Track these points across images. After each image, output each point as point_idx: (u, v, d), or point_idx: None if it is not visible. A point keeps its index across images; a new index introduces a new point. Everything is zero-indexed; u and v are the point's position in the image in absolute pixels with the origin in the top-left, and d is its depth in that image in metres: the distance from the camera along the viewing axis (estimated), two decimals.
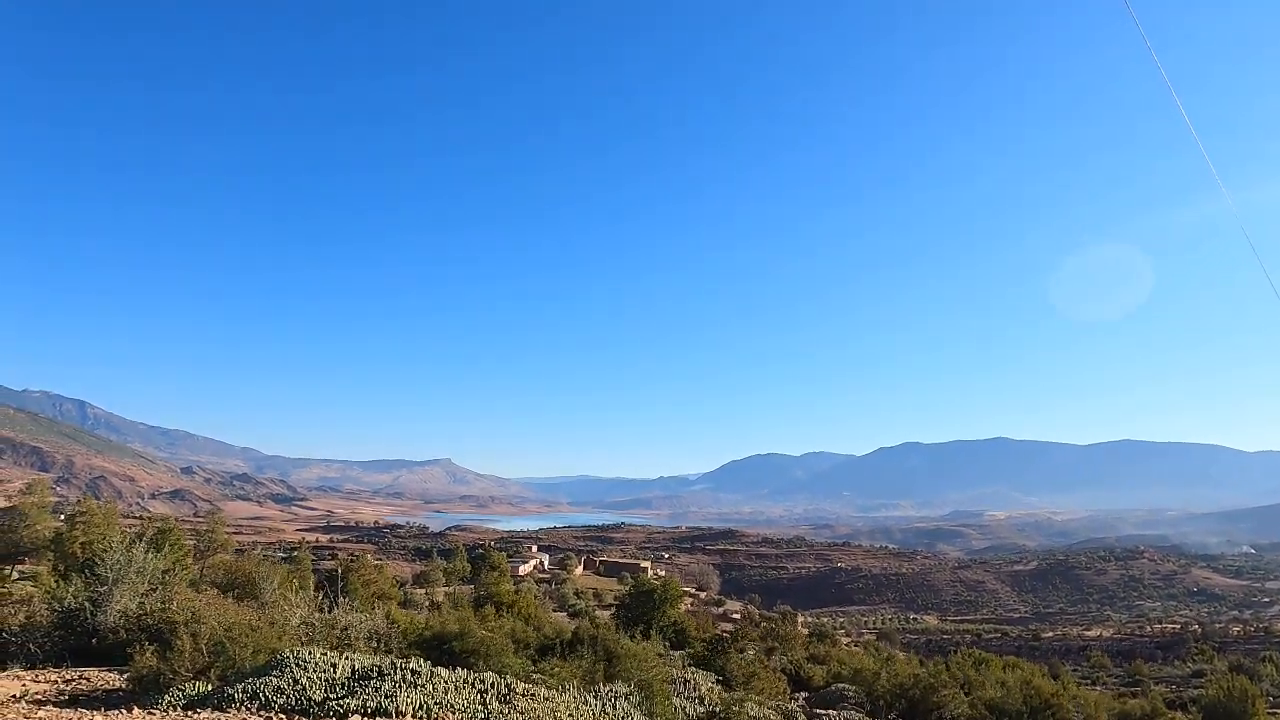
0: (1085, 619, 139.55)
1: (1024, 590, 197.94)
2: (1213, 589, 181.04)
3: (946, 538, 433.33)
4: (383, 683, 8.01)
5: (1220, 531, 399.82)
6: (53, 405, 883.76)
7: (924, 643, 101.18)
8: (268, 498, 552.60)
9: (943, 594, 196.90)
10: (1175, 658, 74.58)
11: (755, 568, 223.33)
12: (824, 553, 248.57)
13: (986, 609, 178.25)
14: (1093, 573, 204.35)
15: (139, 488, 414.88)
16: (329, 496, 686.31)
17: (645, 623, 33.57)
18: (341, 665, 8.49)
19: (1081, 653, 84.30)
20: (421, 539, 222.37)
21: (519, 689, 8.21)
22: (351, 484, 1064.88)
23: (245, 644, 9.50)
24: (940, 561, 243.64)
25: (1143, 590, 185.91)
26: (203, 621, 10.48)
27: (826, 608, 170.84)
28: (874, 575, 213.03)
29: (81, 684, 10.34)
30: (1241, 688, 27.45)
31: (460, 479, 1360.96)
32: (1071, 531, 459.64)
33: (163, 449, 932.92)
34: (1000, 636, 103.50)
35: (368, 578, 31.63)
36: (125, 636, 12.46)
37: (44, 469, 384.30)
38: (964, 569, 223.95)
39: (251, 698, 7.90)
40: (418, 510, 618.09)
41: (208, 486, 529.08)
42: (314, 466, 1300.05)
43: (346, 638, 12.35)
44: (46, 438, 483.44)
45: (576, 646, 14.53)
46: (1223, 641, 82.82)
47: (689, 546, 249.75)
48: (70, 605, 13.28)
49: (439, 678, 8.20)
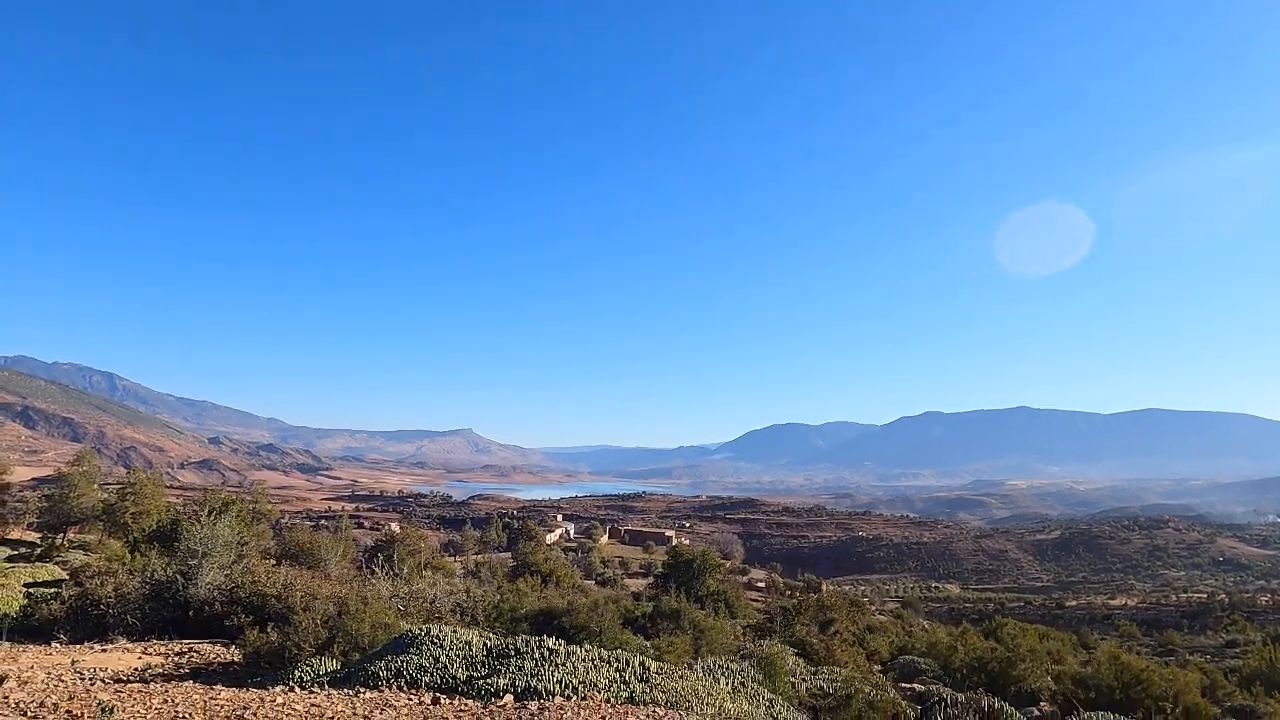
0: (1109, 588, 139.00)
1: (1046, 559, 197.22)
2: (1239, 559, 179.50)
3: (968, 507, 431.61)
4: (524, 661, 8.05)
5: (1247, 501, 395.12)
6: (83, 377, 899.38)
7: (946, 611, 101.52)
8: (293, 467, 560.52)
9: (964, 563, 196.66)
10: (1203, 627, 74.35)
11: (776, 537, 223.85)
12: (845, 522, 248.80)
13: (1008, 578, 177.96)
14: (1116, 542, 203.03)
15: (168, 458, 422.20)
16: (353, 466, 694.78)
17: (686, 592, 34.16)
18: (476, 643, 8.57)
19: (1106, 621, 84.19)
20: (445, 508, 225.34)
21: (652, 667, 8.31)
22: (375, 454, 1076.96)
23: (363, 619, 9.58)
24: (962, 531, 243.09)
25: (1167, 560, 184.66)
26: (315, 596, 10.74)
27: (848, 576, 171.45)
28: (895, 544, 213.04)
29: (194, 657, 10.64)
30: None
31: (482, 449, 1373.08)
32: (1094, 501, 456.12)
33: (190, 420, 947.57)
34: (1023, 605, 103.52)
35: (413, 547, 32.27)
36: (220, 609, 12.91)
37: (76, 440, 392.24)
38: (986, 538, 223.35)
39: (396, 675, 7.91)
40: (440, 479, 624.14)
41: (235, 456, 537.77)
42: (338, 437, 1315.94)
43: (437, 610, 12.69)
44: (78, 409, 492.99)
45: (658, 620, 14.84)
46: (1251, 611, 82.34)
47: (710, 516, 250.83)
48: (160, 578, 13.75)
49: (576, 656, 8.24)
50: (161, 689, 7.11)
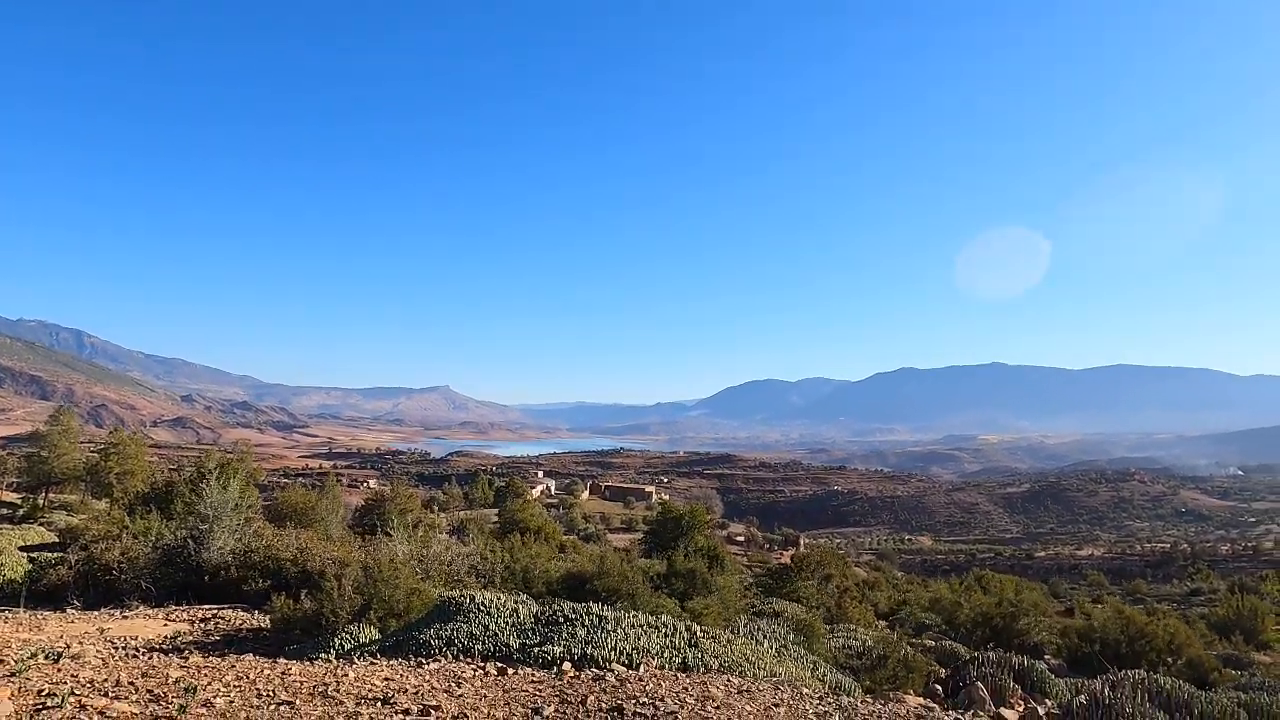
0: (1076, 539, 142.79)
1: (1016, 512, 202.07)
2: (1200, 509, 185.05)
3: (940, 461, 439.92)
4: (574, 629, 7.95)
5: (1210, 454, 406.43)
6: (49, 334, 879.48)
7: (919, 563, 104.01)
8: (269, 425, 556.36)
9: (936, 515, 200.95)
10: (1167, 576, 76.87)
11: (753, 491, 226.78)
12: (820, 476, 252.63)
13: (979, 530, 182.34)
14: (1084, 494, 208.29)
15: (141, 416, 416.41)
16: (329, 423, 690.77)
17: (674, 548, 34.48)
18: (523, 611, 8.45)
19: (1074, 571, 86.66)
20: (424, 465, 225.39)
21: (698, 632, 8.20)
22: (351, 411, 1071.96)
23: (396, 585, 9.40)
24: (934, 484, 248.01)
25: (1132, 511, 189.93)
26: (345, 562, 10.60)
27: (823, 530, 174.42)
28: (869, 498, 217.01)
29: (220, 624, 10.50)
30: (1251, 606, 28.43)
31: (460, 405, 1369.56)
32: (1063, 455, 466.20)
33: (161, 377, 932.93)
34: (994, 556, 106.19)
35: (404, 506, 32.14)
36: (235, 574, 12.76)
37: (44, 398, 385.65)
38: (957, 491, 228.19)
39: (448, 644, 7.81)
40: (418, 436, 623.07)
41: (209, 414, 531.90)
42: (313, 394, 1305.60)
43: (455, 573, 12.63)
44: (45, 366, 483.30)
45: (673, 580, 14.96)
46: (1212, 560, 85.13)
47: (687, 471, 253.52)
48: (170, 543, 13.56)
49: (626, 623, 8.16)
50: (230, 663, 7.05)
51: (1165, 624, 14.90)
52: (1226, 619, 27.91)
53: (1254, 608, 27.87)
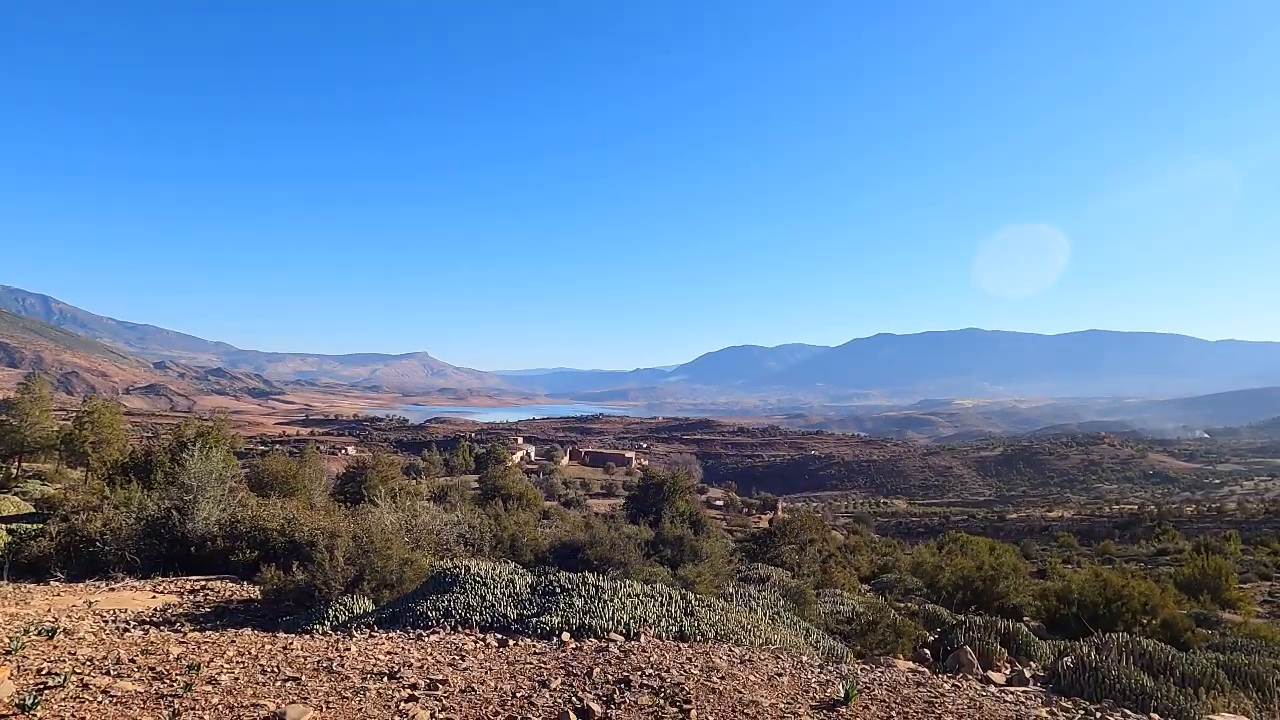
0: (1047, 501, 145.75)
1: (989, 475, 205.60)
2: (1167, 472, 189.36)
3: (916, 426, 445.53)
4: (572, 599, 7.91)
5: (1178, 418, 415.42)
6: (15, 300, 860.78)
7: (895, 526, 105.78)
8: (244, 392, 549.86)
9: (911, 479, 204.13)
10: (1134, 537, 78.72)
11: (731, 456, 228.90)
12: (798, 441, 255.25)
13: (953, 493, 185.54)
14: (1055, 458, 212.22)
15: (112, 383, 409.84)
16: (306, 390, 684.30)
17: (657, 513, 34.79)
18: (520, 581, 8.41)
19: (1045, 533, 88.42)
20: (403, 431, 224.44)
21: (692, 599, 8.18)
22: (328, 378, 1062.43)
23: (389, 556, 9.34)
24: (910, 449, 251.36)
25: (1102, 474, 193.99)
26: (336, 533, 10.51)
27: (801, 494, 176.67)
28: (846, 462, 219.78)
29: (210, 595, 10.42)
30: (1215, 566, 29.30)
31: (438, 372, 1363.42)
32: (1036, 419, 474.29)
33: (132, 344, 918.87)
34: (967, 519, 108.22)
35: (386, 474, 31.91)
36: (222, 545, 12.64)
37: (13, 365, 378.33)
38: (932, 455, 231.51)
39: (445, 615, 7.77)
40: (396, 403, 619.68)
41: (182, 381, 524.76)
42: (289, 361, 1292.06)
43: (444, 542, 12.61)
44: (12, 333, 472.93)
45: (660, 546, 15.07)
46: (1178, 521, 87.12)
47: (666, 436, 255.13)
48: (154, 514, 13.40)
49: (622, 592, 8.11)
50: (229, 638, 7.00)
51: (1141, 586, 15.31)
52: (1193, 578, 28.70)
53: (1219, 567, 28.69)
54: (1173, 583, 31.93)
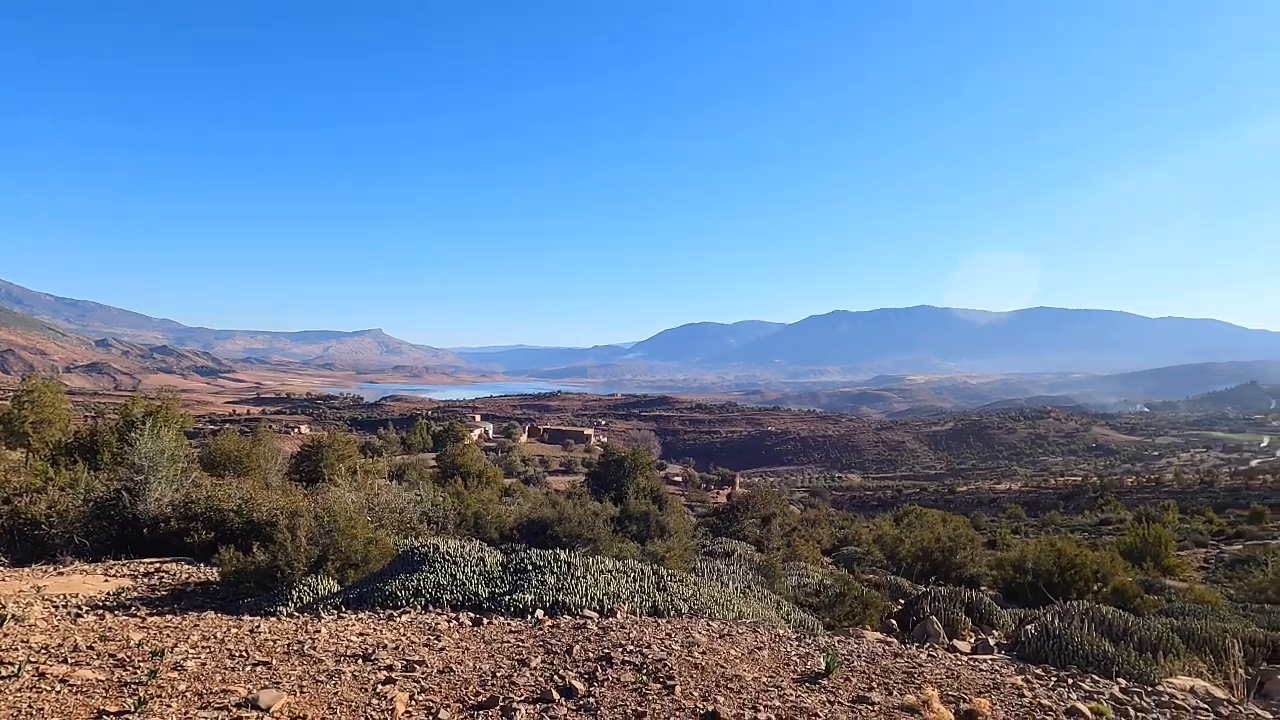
0: (995, 474, 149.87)
1: (940, 449, 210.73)
2: (1109, 445, 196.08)
3: (870, 401, 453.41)
4: (544, 576, 7.83)
5: (1120, 392, 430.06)
6: None
7: (849, 499, 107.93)
8: (191, 370, 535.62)
9: (865, 454, 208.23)
10: (1078, 507, 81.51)
11: (689, 432, 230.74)
12: (755, 417, 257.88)
13: (905, 467, 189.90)
14: (1003, 432, 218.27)
15: (52, 361, 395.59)
16: (256, 368, 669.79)
17: (619, 489, 34.86)
18: (490, 559, 8.30)
19: (994, 504, 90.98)
20: (357, 410, 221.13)
21: (665, 574, 8.16)
22: (279, 355, 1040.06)
23: (353, 535, 9.09)
24: (864, 424, 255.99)
25: (1048, 447, 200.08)
26: (298, 512, 10.18)
27: (758, 469, 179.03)
28: (802, 438, 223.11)
29: (165, 578, 10.04)
30: (1156, 534, 30.53)
31: (393, 349, 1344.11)
32: (985, 394, 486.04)
33: (73, 321, 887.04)
34: (919, 491, 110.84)
35: (342, 452, 31.27)
36: (176, 526, 12.22)
37: None
38: (886, 430, 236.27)
39: (415, 594, 7.64)
40: (350, 381, 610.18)
41: (127, 359, 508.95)
42: (239, 338, 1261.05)
43: (407, 520, 12.38)
44: None
45: (626, 523, 15.05)
46: (1120, 491, 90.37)
47: (625, 413, 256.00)
48: (102, 495, 12.91)
49: (594, 569, 8.06)
50: (191, 622, 6.75)
51: (1093, 555, 15.84)
52: (1134, 546, 29.85)
53: (1159, 536, 29.92)
54: (1117, 551, 33.18)
